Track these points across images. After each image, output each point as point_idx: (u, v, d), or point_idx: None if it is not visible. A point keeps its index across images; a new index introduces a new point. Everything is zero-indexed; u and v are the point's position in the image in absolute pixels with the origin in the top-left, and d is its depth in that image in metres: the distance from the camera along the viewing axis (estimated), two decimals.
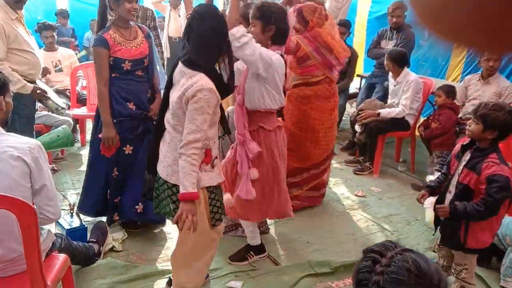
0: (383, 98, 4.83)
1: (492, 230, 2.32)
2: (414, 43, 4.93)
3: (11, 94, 2.12)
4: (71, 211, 2.96)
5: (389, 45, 4.99)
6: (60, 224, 2.85)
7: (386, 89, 4.81)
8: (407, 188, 4.23)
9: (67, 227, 2.82)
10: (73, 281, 2.30)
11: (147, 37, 3.05)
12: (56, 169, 2.86)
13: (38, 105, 3.91)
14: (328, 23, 3.30)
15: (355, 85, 6.07)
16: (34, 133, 3.49)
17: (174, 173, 2.13)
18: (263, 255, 2.95)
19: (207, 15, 2.10)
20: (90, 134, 3.23)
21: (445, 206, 2.28)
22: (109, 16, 2.87)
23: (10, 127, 2.27)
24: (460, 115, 4.27)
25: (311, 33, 3.23)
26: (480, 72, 4.34)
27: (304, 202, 3.62)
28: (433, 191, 2.52)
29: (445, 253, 2.52)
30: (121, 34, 2.88)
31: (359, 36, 6.81)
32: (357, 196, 4.03)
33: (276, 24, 2.58)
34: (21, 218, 1.77)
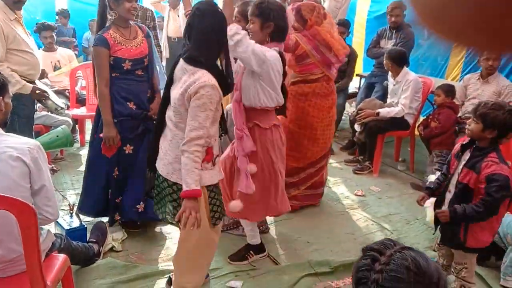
0: (383, 97, 4.83)
1: (492, 230, 2.32)
2: (414, 42, 4.93)
3: (10, 95, 2.11)
4: (71, 211, 2.95)
5: (388, 44, 4.99)
6: (59, 224, 2.85)
7: (385, 88, 4.81)
8: (406, 188, 4.23)
9: (66, 227, 2.81)
10: (72, 281, 2.30)
11: (147, 36, 3.05)
12: (55, 169, 2.85)
13: (38, 105, 3.90)
14: (327, 22, 3.30)
15: (354, 85, 6.09)
16: (33, 133, 3.48)
17: (175, 171, 2.12)
18: (263, 254, 2.95)
19: (207, 11, 2.09)
20: (90, 134, 3.22)
21: (445, 210, 2.28)
22: (109, 15, 2.87)
23: (10, 127, 2.26)
24: (460, 114, 4.28)
25: (310, 31, 3.23)
26: (480, 71, 4.35)
27: (303, 202, 3.62)
28: (432, 192, 2.52)
29: (445, 252, 2.52)
30: (121, 33, 2.88)
31: (359, 36, 6.82)
32: (357, 195, 4.03)
33: (274, 21, 2.58)
34: (20, 219, 1.77)
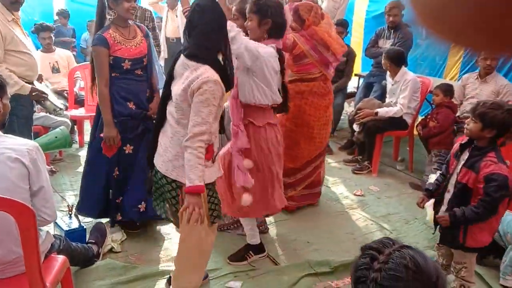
0: (381, 97, 4.83)
1: (492, 229, 2.32)
2: (412, 42, 4.94)
3: (9, 96, 2.11)
4: (70, 212, 2.95)
5: (386, 44, 4.99)
6: (58, 225, 2.84)
7: (384, 88, 4.81)
8: (405, 187, 4.24)
9: (65, 228, 2.81)
10: (72, 282, 2.29)
11: (146, 36, 3.05)
12: (54, 170, 2.85)
13: (36, 106, 3.90)
14: (325, 22, 3.30)
15: (353, 84, 6.08)
16: (32, 134, 3.48)
17: (175, 168, 2.11)
18: (262, 254, 2.95)
19: (207, 7, 2.10)
20: (89, 135, 3.21)
21: (444, 215, 2.28)
22: (108, 15, 2.87)
23: (8, 128, 2.27)
24: (458, 114, 4.29)
25: (307, 31, 3.23)
26: (478, 70, 4.35)
27: (300, 202, 3.61)
28: (431, 194, 2.52)
29: (444, 251, 2.52)
30: (120, 33, 2.88)
31: (357, 36, 6.82)
32: (356, 195, 4.03)
33: (272, 18, 2.57)
34: (19, 220, 1.77)
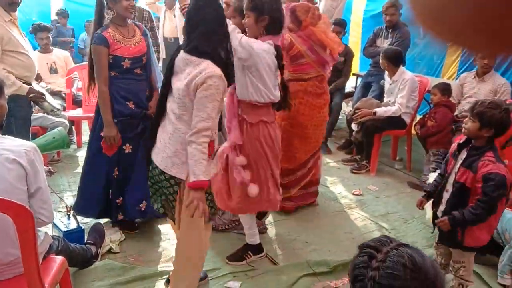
0: (379, 96, 4.84)
1: (490, 228, 2.32)
2: (410, 41, 4.94)
3: (6, 97, 2.10)
4: (68, 213, 2.94)
5: (384, 43, 4.99)
6: (57, 226, 2.84)
7: (382, 87, 4.82)
8: (404, 186, 4.24)
9: (64, 229, 2.80)
10: (70, 283, 2.29)
11: (144, 35, 3.05)
12: (52, 171, 2.85)
13: (34, 107, 3.88)
14: (322, 22, 3.30)
15: (351, 84, 6.08)
16: (30, 135, 3.47)
17: (174, 165, 2.11)
18: (261, 255, 2.94)
19: (207, 3, 2.09)
20: (88, 135, 3.20)
21: (444, 219, 2.28)
22: (106, 14, 2.87)
23: (6, 129, 2.26)
24: (456, 113, 4.29)
25: (305, 31, 3.23)
26: (476, 69, 4.36)
27: (297, 203, 3.59)
28: (430, 195, 2.52)
29: (443, 251, 2.52)
30: (120, 32, 2.88)
31: (355, 35, 6.82)
32: (354, 194, 4.03)
33: (269, 14, 2.57)
34: (17, 222, 1.76)
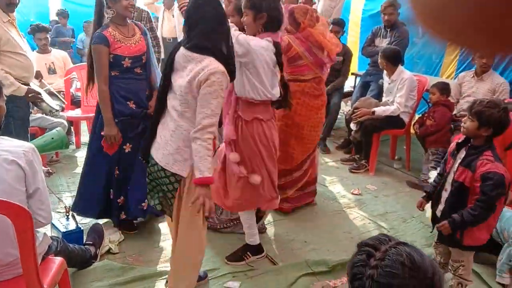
0: (378, 96, 4.84)
1: (489, 227, 2.32)
2: (408, 41, 4.94)
3: (4, 98, 2.10)
4: (67, 214, 2.94)
5: (383, 43, 4.99)
6: (56, 227, 2.83)
7: (380, 87, 4.82)
8: (402, 186, 4.25)
9: (63, 230, 2.80)
10: (69, 284, 2.29)
11: (144, 34, 3.06)
12: (51, 171, 2.84)
13: (32, 107, 3.88)
14: (320, 24, 3.30)
15: (349, 84, 6.08)
16: (29, 135, 3.46)
17: (176, 162, 2.10)
18: (260, 255, 2.93)
19: (207, 1, 2.08)
20: (87, 136, 3.20)
21: (444, 223, 2.28)
22: (106, 14, 2.88)
23: (5, 130, 2.26)
24: (455, 112, 4.30)
25: (302, 33, 3.23)
26: (474, 69, 4.36)
27: (294, 204, 3.58)
28: (430, 196, 2.52)
29: (442, 250, 2.52)
30: (120, 31, 2.89)
31: (353, 35, 6.82)
32: (353, 194, 4.04)
33: (267, 12, 2.57)
34: (16, 222, 1.76)
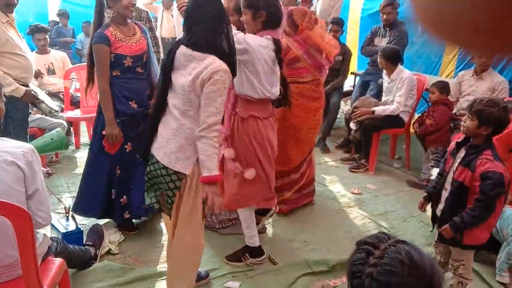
0: (377, 95, 4.84)
1: (489, 227, 2.32)
2: (408, 40, 4.94)
3: (3, 99, 2.09)
4: (67, 215, 2.94)
5: (382, 42, 4.99)
6: (55, 227, 2.83)
7: (380, 86, 4.82)
8: (402, 185, 4.25)
9: (62, 230, 2.80)
10: (69, 285, 2.29)
11: (144, 33, 3.06)
12: (50, 172, 2.84)
13: (32, 108, 3.88)
14: (319, 26, 3.29)
15: (349, 83, 6.09)
16: (28, 136, 3.46)
17: (178, 160, 2.10)
18: (260, 258, 2.88)
19: (207, 1, 2.08)
20: (86, 136, 3.20)
21: (445, 227, 2.28)
22: (106, 14, 2.88)
23: (4, 131, 2.25)
24: (454, 111, 4.30)
25: (301, 36, 3.22)
26: (473, 67, 4.36)
27: (292, 206, 3.56)
28: (430, 196, 2.52)
29: (442, 249, 2.52)
30: (121, 30, 2.89)
31: (352, 34, 6.82)
32: (353, 193, 4.04)
33: (265, 9, 2.56)
34: (16, 224, 1.76)
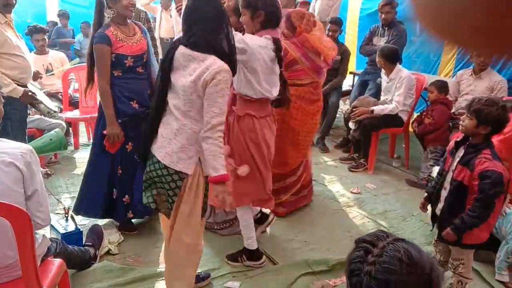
0: (376, 95, 4.84)
1: (489, 226, 2.32)
2: (406, 39, 4.94)
3: (2, 100, 2.09)
4: (66, 215, 2.93)
5: (381, 41, 5.00)
6: (55, 228, 2.83)
7: (379, 86, 4.82)
8: (401, 184, 4.25)
9: (62, 231, 2.79)
10: (69, 285, 2.29)
11: (144, 33, 3.06)
12: (49, 173, 2.83)
13: (30, 109, 3.87)
14: (317, 29, 3.28)
15: (348, 83, 6.10)
16: (26, 137, 3.46)
17: (180, 160, 2.10)
18: (258, 262, 2.85)
19: (207, 2, 2.08)
20: (85, 137, 3.19)
21: (447, 231, 2.28)
22: (106, 14, 2.88)
23: (2, 132, 2.25)
24: (453, 110, 4.30)
25: (298, 38, 3.22)
26: (472, 67, 4.37)
27: (290, 208, 3.55)
28: (430, 196, 2.52)
29: (442, 248, 2.53)
30: (121, 30, 2.90)
31: (351, 33, 6.82)
32: (353, 193, 4.04)
33: (264, 9, 2.56)
34: (15, 224, 1.76)
